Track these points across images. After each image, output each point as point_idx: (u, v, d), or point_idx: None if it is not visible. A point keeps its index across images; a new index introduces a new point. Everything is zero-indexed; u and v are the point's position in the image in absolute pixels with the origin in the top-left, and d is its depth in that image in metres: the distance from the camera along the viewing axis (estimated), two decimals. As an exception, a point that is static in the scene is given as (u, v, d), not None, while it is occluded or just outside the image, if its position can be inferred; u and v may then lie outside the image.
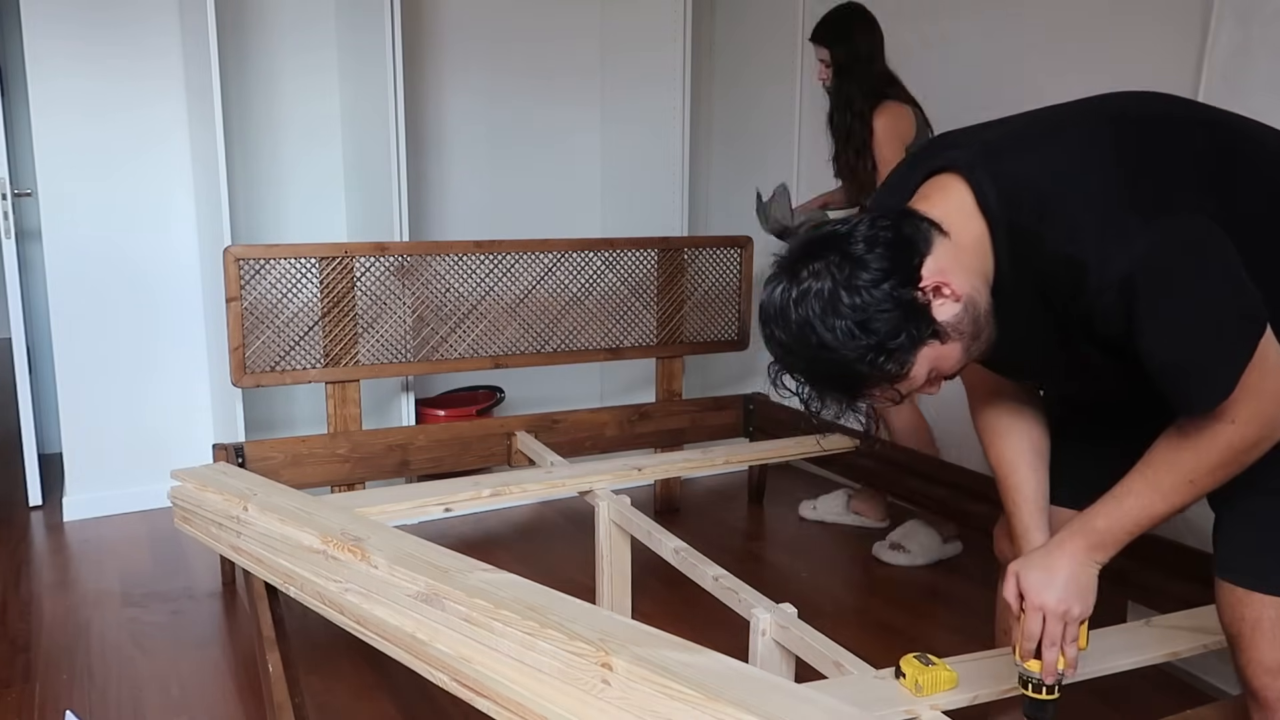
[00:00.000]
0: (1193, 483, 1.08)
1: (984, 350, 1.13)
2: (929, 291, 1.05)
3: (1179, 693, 1.97)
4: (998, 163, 1.10)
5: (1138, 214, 1.02)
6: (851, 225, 1.08)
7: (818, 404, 1.12)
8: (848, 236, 1.06)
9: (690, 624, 2.22)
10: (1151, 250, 1.00)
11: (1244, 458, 1.07)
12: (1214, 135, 1.14)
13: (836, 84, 2.64)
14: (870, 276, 1.03)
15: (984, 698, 1.37)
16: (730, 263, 3.16)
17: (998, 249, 1.10)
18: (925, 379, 1.10)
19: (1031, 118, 1.22)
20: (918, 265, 1.05)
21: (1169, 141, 1.11)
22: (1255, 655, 1.15)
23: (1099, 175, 1.06)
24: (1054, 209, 1.06)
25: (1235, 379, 1.02)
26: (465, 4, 3.40)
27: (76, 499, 2.95)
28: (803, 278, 1.06)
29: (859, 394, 1.11)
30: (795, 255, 1.09)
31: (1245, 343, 1.02)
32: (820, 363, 1.07)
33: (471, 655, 1.37)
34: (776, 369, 1.14)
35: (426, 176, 3.41)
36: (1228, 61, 1.91)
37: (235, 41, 3.02)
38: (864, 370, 1.06)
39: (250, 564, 1.83)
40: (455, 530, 2.87)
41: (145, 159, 2.94)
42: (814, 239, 1.09)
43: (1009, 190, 1.08)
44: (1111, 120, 1.14)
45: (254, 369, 2.51)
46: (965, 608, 2.36)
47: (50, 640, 2.17)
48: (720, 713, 1.15)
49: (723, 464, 2.55)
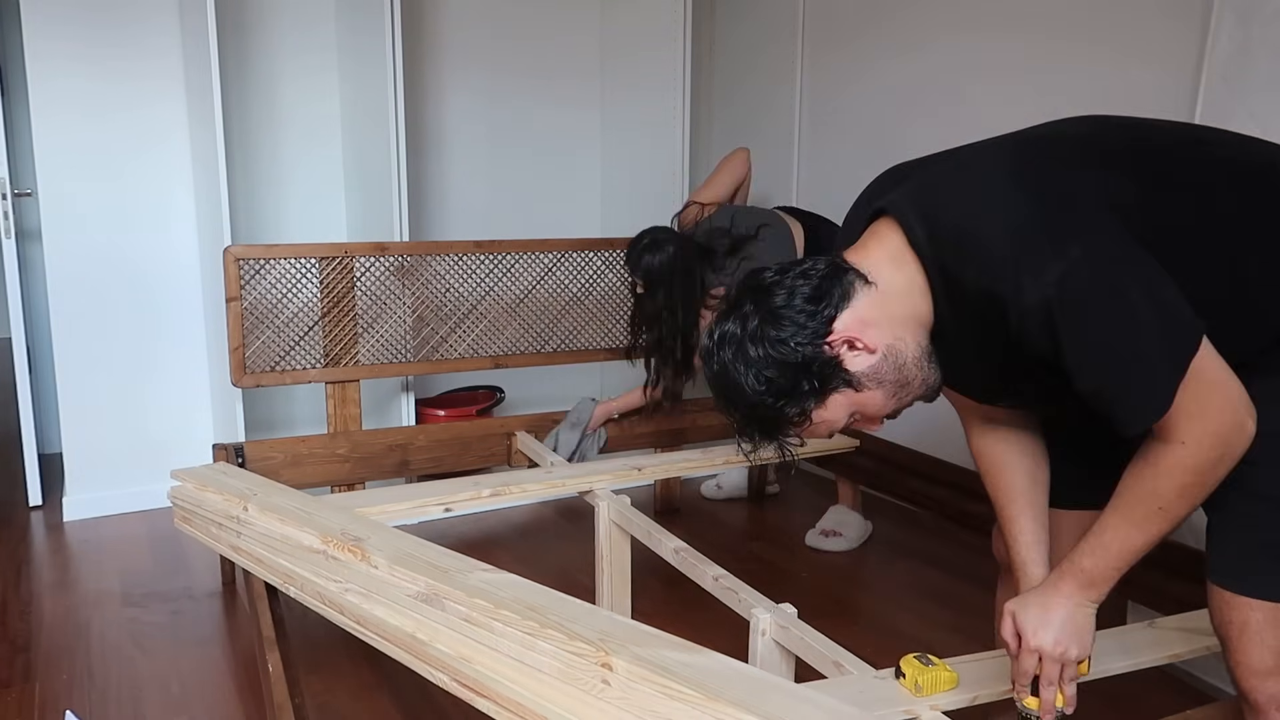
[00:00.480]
0: (1162, 510, 1.09)
1: (924, 393, 1.17)
2: (838, 345, 1.10)
3: (1179, 693, 1.97)
4: (925, 203, 1.12)
5: (1050, 240, 1.02)
6: (781, 274, 1.13)
7: (746, 438, 1.18)
8: (772, 287, 1.13)
9: (690, 624, 2.21)
10: (1064, 276, 1.00)
11: (1207, 478, 1.06)
12: (1138, 148, 1.14)
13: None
14: (778, 333, 1.10)
15: (984, 698, 1.37)
16: (730, 263, 3.16)
17: (934, 289, 1.12)
18: (846, 421, 1.17)
19: (952, 154, 1.23)
20: (830, 319, 1.10)
21: (1072, 161, 1.11)
22: (1243, 658, 1.16)
23: (1007, 205, 1.06)
24: (970, 245, 1.07)
25: (1165, 398, 1.01)
26: (465, 3, 3.41)
27: (76, 499, 2.95)
28: (730, 322, 1.14)
29: (775, 433, 1.18)
30: (734, 297, 1.16)
31: (1172, 360, 1.01)
32: (736, 403, 1.15)
33: (471, 655, 1.37)
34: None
35: (426, 177, 3.41)
36: (1228, 61, 1.91)
37: (235, 42, 3.02)
38: (770, 414, 1.13)
39: (250, 564, 1.83)
40: (455, 530, 2.87)
41: (145, 159, 2.94)
42: (750, 284, 1.15)
43: (934, 230, 1.10)
44: (1016, 147, 1.16)
45: (254, 369, 2.51)
46: (965, 608, 2.36)
47: (50, 640, 2.17)
48: (720, 713, 1.15)
49: (722, 464, 2.55)
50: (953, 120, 2.83)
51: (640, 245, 2.59)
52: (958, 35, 2.79)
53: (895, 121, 3.04)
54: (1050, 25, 2.51)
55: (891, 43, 3.04)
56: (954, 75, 2.80)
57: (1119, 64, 2.34)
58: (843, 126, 3.27)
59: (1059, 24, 2.48)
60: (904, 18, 2.97)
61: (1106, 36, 2.36)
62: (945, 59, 2.83)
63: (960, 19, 2.77)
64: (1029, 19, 2.56)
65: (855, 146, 3.22)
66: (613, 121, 3.64)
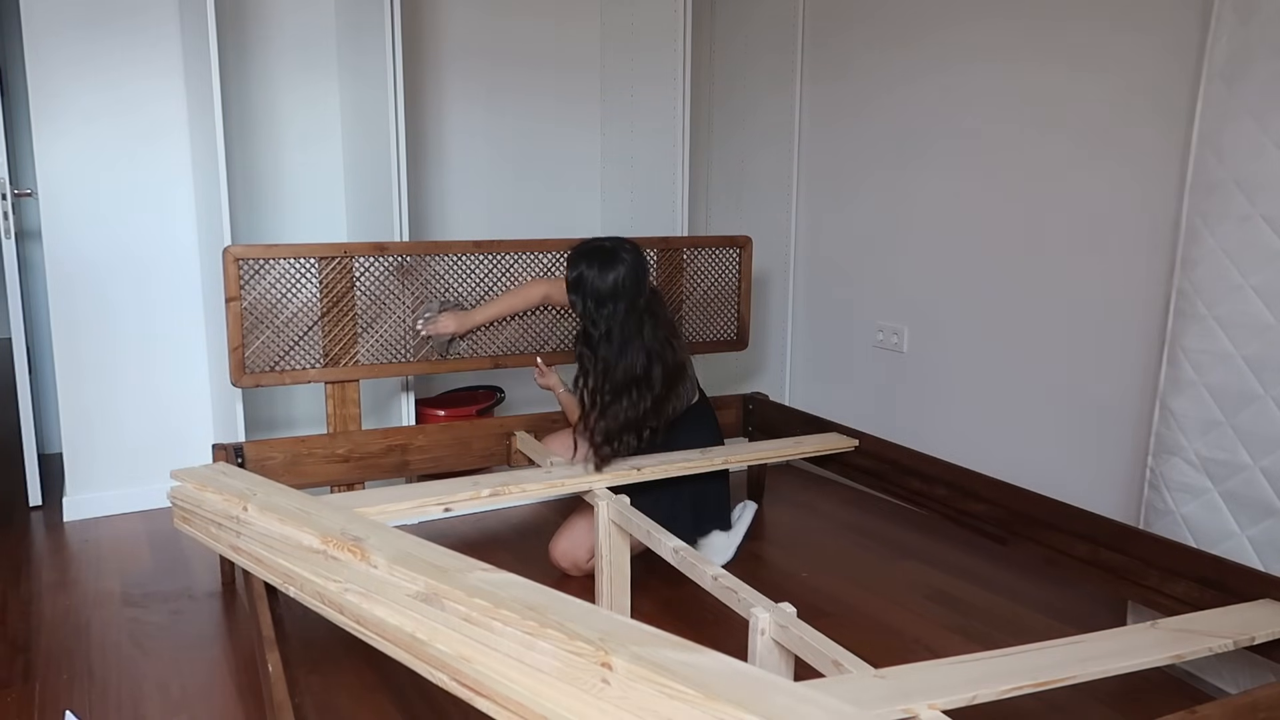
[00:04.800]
0: None
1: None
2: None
3: (1179, 693, 1.97)
4: None
5: None
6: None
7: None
8: None
9: (690, 624, 2.22)
10: None
11: None
12: None
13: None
14: None
15: (984, 698, 1.37)
16: (729, 263, 3.17)
17: None
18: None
19: None
20: None
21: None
22: None
23: None
24: None
25: None
26: (466, 4, 3.41)
27: (76, 499, 2.95)
28: None
29: None
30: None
31: None
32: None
33: (471, 655, 1.37)
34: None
35: (426, 177, 3.42)
36: (1228, 61, 1.91)
37: (235, 41, 3.02)
38: None
39: (250, 564, 1.83)
40: (455, 530, 2.87)
41: (145, 159, 2.94)
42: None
43: None
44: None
45: (254, 369, 2.51)
46: (965, 608, 2.36)
47: (50, 640, 2.17)
48: (720, 712, 1.15)
49: (722, 464, 2.55)
50: (950, 109, 2.83)
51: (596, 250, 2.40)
52: (954, 27, 2.79)
53: (895, 122, 3.04)
54: (1050, 25, 2.51)
55: (890, 41, 3.04)
56: (950, 63, 2.81)
57: (1119, 64, 2.34)
58: (843, 126, 3.27)
59: (1059, 24, 2.48)
60: (899, 13, 2.97)
61: (1106, 36, 2.36)
62: (941, 51, 2.83)
63: (956, 15, 2.78)
64: (1028, 19, 2.56)
65: (855, 146, 3.22)
66: (613, 121, 3.64)
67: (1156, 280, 2.28)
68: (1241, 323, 1.91)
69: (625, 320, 2.36)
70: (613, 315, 2.35)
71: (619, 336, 2.35)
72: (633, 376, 2.36)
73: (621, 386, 2.36)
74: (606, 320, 2.36)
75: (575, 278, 2.38)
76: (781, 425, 3.05)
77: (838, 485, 3.25)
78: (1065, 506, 2.15)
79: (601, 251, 2.38)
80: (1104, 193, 2.40)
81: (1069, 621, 2.28)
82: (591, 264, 2.36)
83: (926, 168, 2.93)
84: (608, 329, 2.36)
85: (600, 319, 2.36)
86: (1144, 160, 2.30)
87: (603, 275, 2.34)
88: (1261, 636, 1.60)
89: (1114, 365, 2.41)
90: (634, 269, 2.37)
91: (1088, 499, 2.35)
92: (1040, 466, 2.60)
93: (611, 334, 2.36)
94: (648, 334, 2.38)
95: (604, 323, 2.36)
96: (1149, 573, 1.92)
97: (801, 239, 3.50)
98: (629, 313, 2.36)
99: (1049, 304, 2.57)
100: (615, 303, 2.35)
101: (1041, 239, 2.58)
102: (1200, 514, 2.00)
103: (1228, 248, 1.93)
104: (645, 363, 2.37)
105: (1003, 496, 2.30)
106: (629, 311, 2.36)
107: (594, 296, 2.35)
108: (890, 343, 3.13)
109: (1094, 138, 2.41)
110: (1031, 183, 2.59)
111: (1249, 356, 1.90)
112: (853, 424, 2.91)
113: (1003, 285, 2.71)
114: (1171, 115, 2.22)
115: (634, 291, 2.37)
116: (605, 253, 2.38)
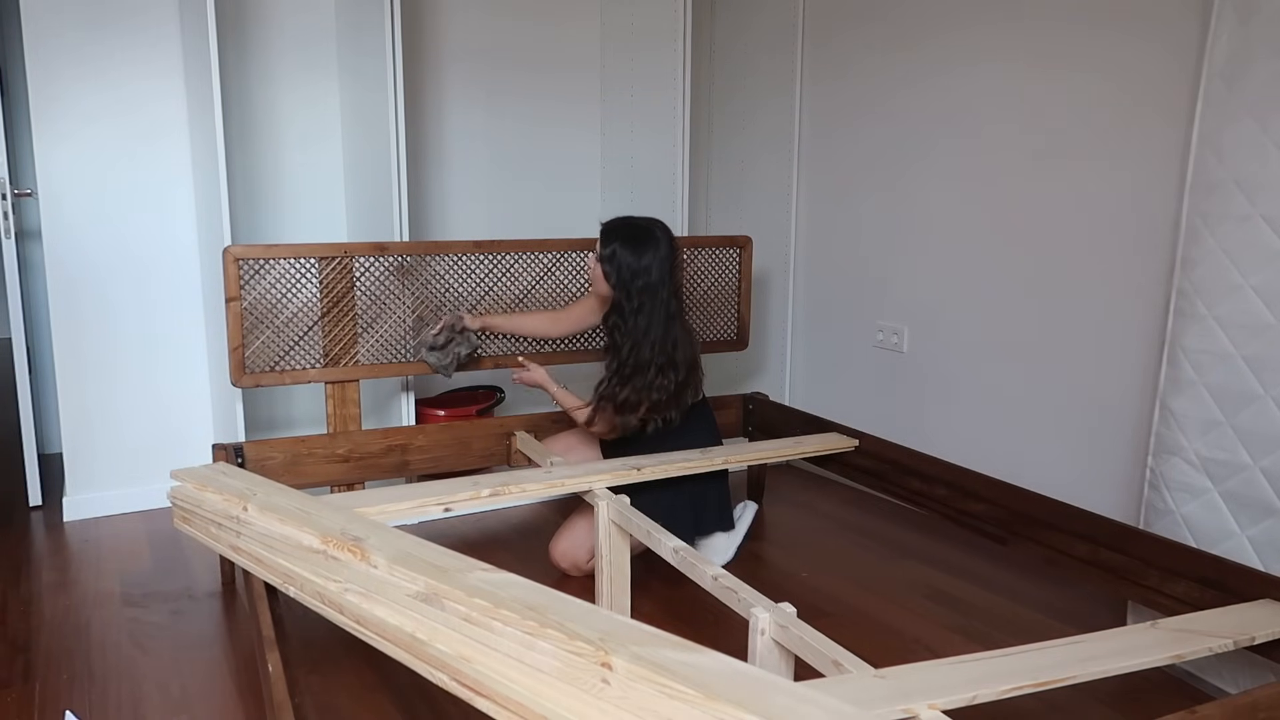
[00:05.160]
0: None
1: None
2: None
3: (1179, 693, 1.97)
4: None
5: None
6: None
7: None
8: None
9: (690, 624, 2.22)
10: None
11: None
12: None
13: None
14: None
15: (984, 698, 1.37)
16: (729, 263, 3.16)
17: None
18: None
19: None
20: None
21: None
22: None
23: None
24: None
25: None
26: (466, 4, 3.41)
27: (76, 499, 2.95)
28: None
29: None
30: None
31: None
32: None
33: (471, 655, 1.37)
34: None
35: (426, 177, 3.42)
36: (1228, 61, 1.91)
37: (235, 41, 3.02)
38: None
39: (250, 564, 1.83)
40: (455, 530, 2.87)
41: (145, 159, 2.94)
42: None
43: None
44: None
45: (253, 369, 2.51)
46: (965, 608, 2.36)
47: (50, 640, 2.17)
48: (720, 712, 1.15)
49: (722, 464, 2.54)
50: (950, 108, 2.83)
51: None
52: (956, 26, 2.79)
53: (896, 122, 3.04)
54: (1050, 25, 2.51)
55: (890, 42, 3.04)
56: (952, 64, 2.81)
57: (1119, 64, 2.34)
58: (843, 126, 3.27)
59: (1059, 24, 2.48)
60: (899, 14, 2.97)
61: (1106, 36, 2.36)
62: (943, 51, 2.83)
63: (956, 16, 2.78)
64: (1028, 19, 2.56)
65: (855, 146, 3.22)
66: (613, 121, 3.64)
67: (1156, 280, 2.28)
68: (1241, 323, 1.91)
69: (655, 296, 2.41)
70: (645, 289, 2.40)
71: (649, 311, 2.40)
72: (664, 354, 2.41)
73: (647, 362, 2.40)
74: (639, 294, 2.40)
75: (610, 253, 2.42)
76: (781, 425, 3.05)
77: (838, 485, 3.25)
78: (1065, 506, 2.15)
79: (637, 229, 2.44)
80: (1104, 193, 2.40)
81: (1069, 621, 2.28)
82: (627, 241, 2.41)
83: (927, 168, 2.93)
84: (640, 303, 2.40)
85: (634, 292, 2.40)
86: (1144, 160, 2.30)
87: (638, 253, 2.40)
88: (1261, 636, 1.60)
89: (1114, 365, 2.41)
90: (668, 250, 2.43)
91: (1088, 499, 2.35)
92: (1040, 466, 2.60)
93: (643, 308, 2.40)
94: (676, 320, 2.45)
95: (637, 297, 2.40)
96: (1149, 573, 1.92)
97: (801, 239, 3.50)
98: (659, 289, 2.41)
99: (1049, 304, 2.57)
100: (647, 278, 2.40)
101: (1041, 239, 2.58)
102: (1200, 514, 2.00)
103: (1228, 248, 1.93)
104: (672, 346, 2.42)
105: (1003, 496, 2.30)
106: (659, 288, 2.41)
107: (629, 270, 2.40)
108: (890, 343, 3.13)
109: (1094, 137, 2.41)
110: (1031, 183, 2.59)
111: (1249, 356, 1.90)
112: (853, 424, 2.91)
113: (1003, 285, 2.71)
114: (1171, 115, 2.22)
115: (664, 273, 2.41)
116: (642, 230, 2.43)
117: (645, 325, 2.40)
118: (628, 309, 2.42)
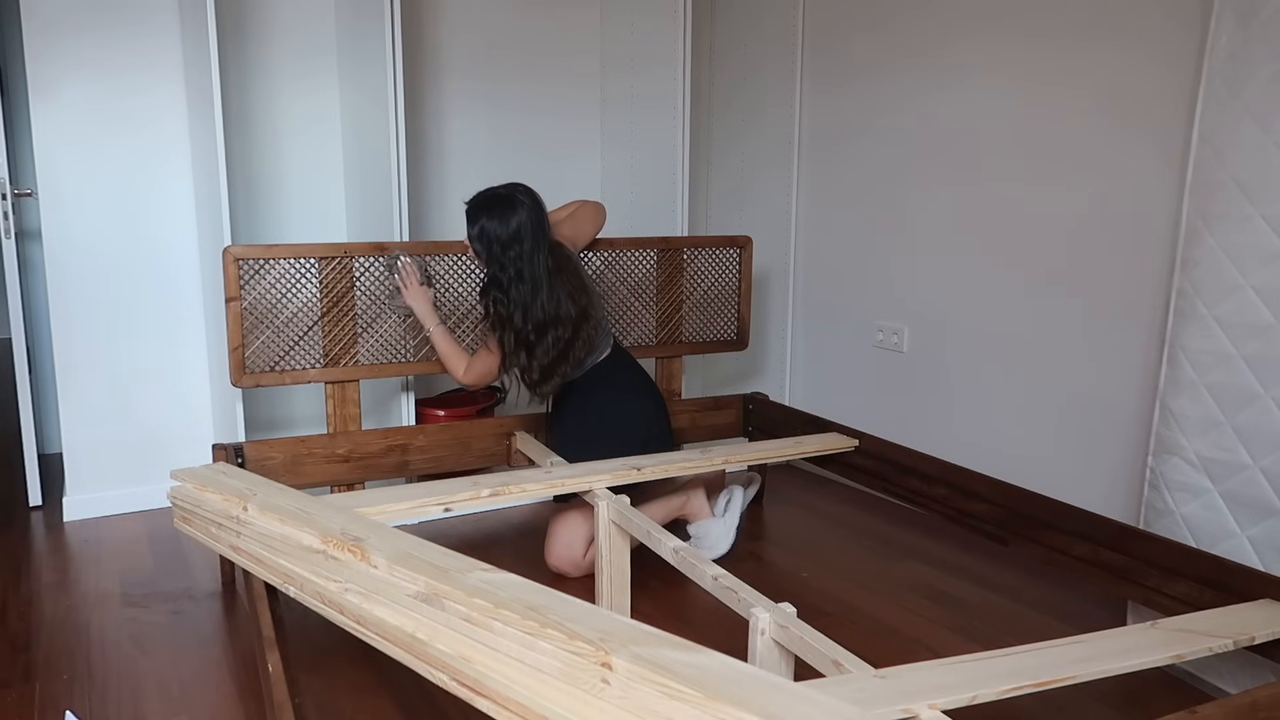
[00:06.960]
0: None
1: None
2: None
3: (1179, 693, 1.97)
4: None
5: None
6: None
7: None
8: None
9: (690, 624, 2.22)
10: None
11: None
12: None
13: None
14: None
15: (984, 698, 1.37)
16: (729, 263, 3.17)
17: None
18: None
19: None
20: None
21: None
22: None
23: None
24: None
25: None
26: (466, 5, 3.41)
27: (76, 499, 2.95)
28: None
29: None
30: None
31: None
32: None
33: (471, 655, 1.37)
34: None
35: (426, 176, 3.42)
36: (1228, 61, 1.91)
37: (235, 41, 3.02)
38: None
39: (250, 564, 1.83)
40: (455, 530, 2.87)
41: (145, 159, 2.94)
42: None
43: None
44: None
45: (253, 369, 2.51)
46: (965, 608, 2.36)
47: (50, 640, 2.17)
48: (720, 712, 1.15)
49: (722, 464, 2.54)
50: (950, 108, 2.83)
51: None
52: (955, 30, 2.79)
53: (896, 121, 3.04)
54: (1050, 25, 2.51)
55: (890, 47, 3.04)
56: (952, 65, 2.81)
57: (1119, 64, 2.34)
58: (843, 127, 3.27)
59: (1059, 23, 2.48)
60: (900, 24, 2.98)
61: (1107, 36, 2.36)
62: (941, 55, 2.83)
63: (959, 17, 2.78)
64: (1028, 18, 2.56)
65: (855, 146, 3.22)
66: (613, 120, 3.64)
67: (1156, 280, 2.28)
68: (1241, 323, 1.91)
69: (533, 260, 2.41)
70: (520, 256, 2.40)
71: (530, 276, 2.41)
72: (555, 313, 2.42)
73: (543, 324, 2.42)
74: (514, 262, 2.40)
75: (477, 231, 2.42)
76: (781, 425, 3.05)
77: (838, 485, 3.25)
78: (1065, 506, 2.15)
79: (498, 199, 2.43)
80: (1104, 193, 2.40)
81: (1069, 621, 2.28)
82: (492, 213, 2.41)
83: (926, 168, 2.93)
84: (517, 270, 2.40)
85: (508, 262, 2.40)
86: (1144, 160, 2.30)
87: (504, 221, 2.40)
88: (1261, 636, 1.60)
89: (1114, 365, 2.41)
90: (534, 211, 2.43)
91: (1088, 499, 2.35)
92: (1040, 466, 2.60)
93: (523, 274, 2.41)
94: (555, 277, 2.44)
95: (512, 265, 2.40)
96: (1149, 573, 1.92)
97: (801, 239, 3.50)
98: (534, 253, 2.41)
99: (1049, 304, 2.57)
100: (520, 245, 2.40)
101: (1041, 239, 2.58)
102: (1200, 514, 2.00)
103: (1228, 248, 1.93)
104: (555, 304, 2.42)
105: (1003, 496, 2.30)
106: (534, 252, 2.41)
107: (499, 242, 2.40)
108: (890, 343, 3.13)
109: (1094, 137, 2.41)
110: (1031, 183, 2.59)
111: (1249, 356, 1.90)
112: (853, 424, 2.91)
113: (1003, 285, 2.71)
114: (1171, 115, 2.22)
115: (536, 233, 2.41)
116: (503, 199, 2.43)
117: (530, 290, 2.41)
118: (504, 279, 2.41)
